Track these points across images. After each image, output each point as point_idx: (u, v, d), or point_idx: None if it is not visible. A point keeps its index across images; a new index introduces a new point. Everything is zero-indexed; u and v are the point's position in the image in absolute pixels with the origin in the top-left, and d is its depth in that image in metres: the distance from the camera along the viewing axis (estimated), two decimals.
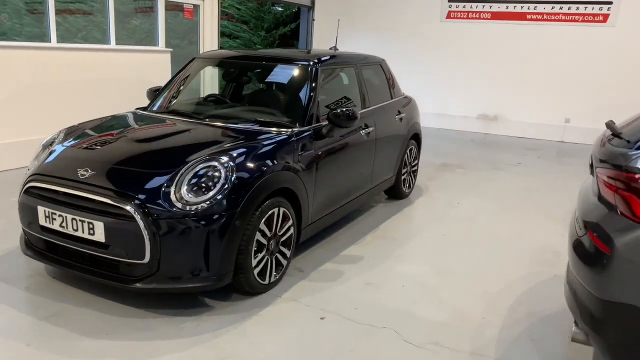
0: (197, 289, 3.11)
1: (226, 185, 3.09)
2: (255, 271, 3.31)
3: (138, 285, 3.02)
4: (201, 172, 3.13)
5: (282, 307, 3.32)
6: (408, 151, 5.61)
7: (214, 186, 3.08)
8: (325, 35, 11.83)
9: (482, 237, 4.75)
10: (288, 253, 3.63)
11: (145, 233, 2.92)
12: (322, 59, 4.31)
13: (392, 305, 3.42)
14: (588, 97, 9.89)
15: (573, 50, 9.92)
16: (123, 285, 3.06)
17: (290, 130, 3.76)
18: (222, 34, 13.40)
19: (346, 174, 4.34)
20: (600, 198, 2.35)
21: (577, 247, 2.40)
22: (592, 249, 2.24)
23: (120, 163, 3.24)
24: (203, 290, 3.20)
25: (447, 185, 6.49)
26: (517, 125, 10.56)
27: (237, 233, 3.12)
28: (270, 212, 3.36)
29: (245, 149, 3.38)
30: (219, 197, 3.05)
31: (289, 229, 3.59)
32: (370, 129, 4.63)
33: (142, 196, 2.99)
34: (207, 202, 3.02)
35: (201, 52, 8.83)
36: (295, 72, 4.26)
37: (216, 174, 3.13)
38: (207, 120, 3.94)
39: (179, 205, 2.99)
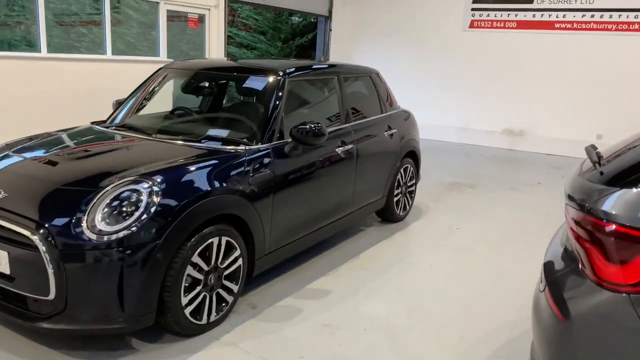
0: (110, 331, 2.73)
1: (147, 212, 2.70)
2: (187, 310, 2.90)
3: (44, 324, 2.65)
4: (123, 196, 2.76)
5: (215, 354, 2.89)
6: (402, 170, 5.11)
7: (134, 213, 2.70)
8: (343, 45, 11.45)
9: (474, 272, 4.20)
10: (235, 288, 3.20)
11: (49, 266, 2.56)
12: (293, 69, 3.90)
13: (345, 353, 2.94)
14: (622, 112, 9.11)
15: (606, 60, 9.18)
16: (29, 324, 2.70)
17: (244, 147, 3.35)
18: (240, 45, 13.21)
19: (317, 197, 3.90)
20: (565, 246, 1.84)
21: (536, 306, 1.89)
22: (546, 313, 1.73)
23: (37, 185, 2.90)
24: (117, 333, 2.81)
25: (451, 207, 5.94)
26: (544, 141, 9.86)
27: (160, 267, 2.72)
28: (208, 242, 2.95)
29: (179, 170, 2.99)
30: (137, 225, 2.66)
31: (235, 260, 3.17)
32: (350, 146, 4.18)
33: (50, 224, 2.63)
34: (123, 232, 2.64)
35: None
36: (260, 83, 3.86)
37: (140, 197, 2.75)
38: (156, 136, 3.57)
39: (91, 234, 2.62)
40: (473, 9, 10.28)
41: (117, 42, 8.59)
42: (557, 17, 9.54)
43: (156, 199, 2.74)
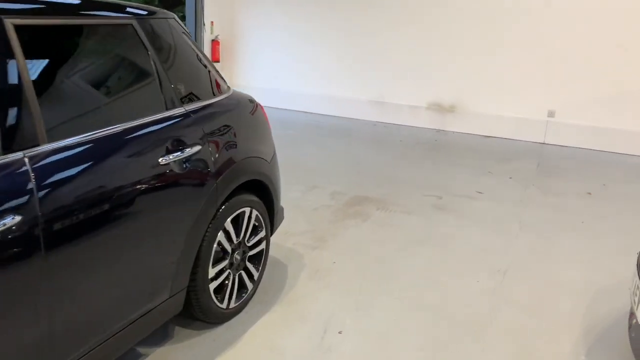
0: None
1: None
2: None
3: None
4: None
5: None
6: (229, 223, 2.50)
7: None
8: None
9: None
10: None
11: None
12: None
13: None
14: (580, 83, 6.90)
15: (560, 19, 6.86)
16: None
17: None
18: None
19: None
20: None
21: None
22: None
23: None
24: None
25: (340, 262, 3.41)
26: (482, 120, 7.54)
27: None
28: None
29: None
30: None
31: None
32: (11, 220, 1.49)
33: None
34: None
35: None
36: None
37: None
38: None
39: None
40: None
41: None
42: None
43: None
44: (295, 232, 3.80)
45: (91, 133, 1.83)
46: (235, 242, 2.59)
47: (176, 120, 2.21)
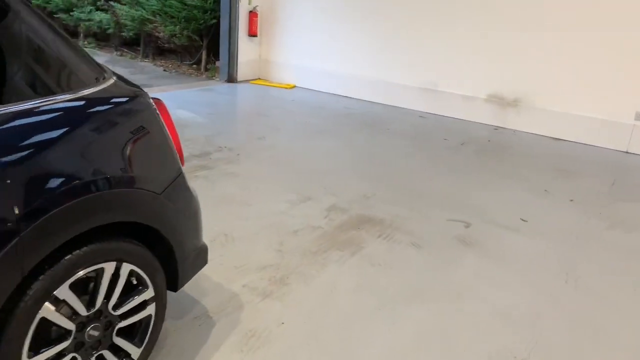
0: None
1: None
2: None
3: None
4: None
5: None
6: (65, 291, 1.64)
7: None
8: None
9: None
10: None
11: None
12: None
13: None
14: None
15: None
16: None
17: None
18: None
19: None
20: None
21: None
22: None
23: None
24: None
25: (290, 322, 2.46)
26: (551, 118, 6.22)
27: None
28: None
29: None
30: None
31: None
32: None
33: None
34: None
35: None
36: None
37: None
38: None
39: None
40: None
41: None
42: None
43: None
44: (253, 266, 2.91)
45: None
46: (84, 313, 1.73)
47: None
